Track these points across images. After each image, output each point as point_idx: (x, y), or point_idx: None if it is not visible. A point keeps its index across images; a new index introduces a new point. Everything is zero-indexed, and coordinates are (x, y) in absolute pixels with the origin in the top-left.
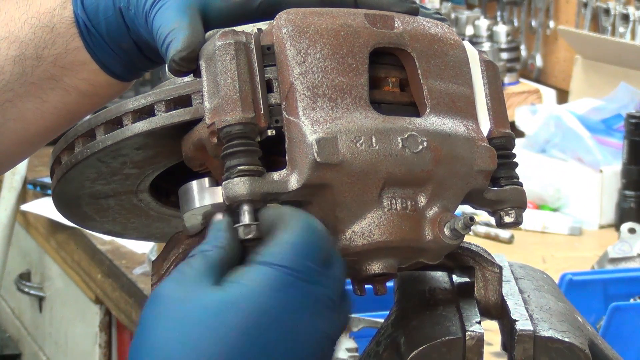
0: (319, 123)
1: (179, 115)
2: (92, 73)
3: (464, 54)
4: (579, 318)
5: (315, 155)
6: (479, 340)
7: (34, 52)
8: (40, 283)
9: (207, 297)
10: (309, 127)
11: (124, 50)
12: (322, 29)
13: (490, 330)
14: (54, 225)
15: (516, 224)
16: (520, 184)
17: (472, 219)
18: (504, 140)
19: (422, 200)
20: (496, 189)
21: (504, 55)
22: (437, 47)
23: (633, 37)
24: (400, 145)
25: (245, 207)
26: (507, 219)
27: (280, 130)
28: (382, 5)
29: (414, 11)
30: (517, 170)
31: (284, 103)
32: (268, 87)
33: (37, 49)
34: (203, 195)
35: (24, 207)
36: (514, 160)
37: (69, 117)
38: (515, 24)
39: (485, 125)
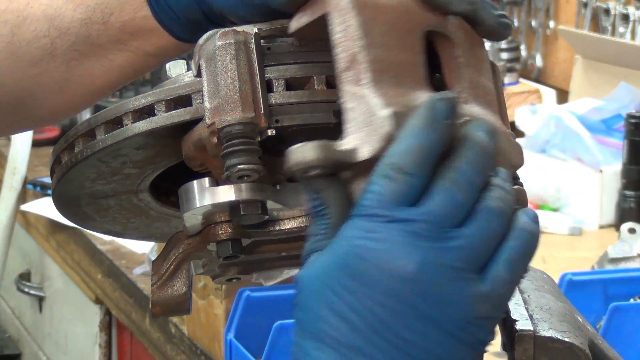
0: (389, 97)
1: (179, 115)
2: (160, 38)
3: (486, 52)
4: (579, 318)
5: (391, 128)
6: None
7: (100, 18)
8: (40, 283)
9: (308, 265)
10: (380, 99)
11: (192, 20)
12: (380, 5)
13: None
14: (54, 225)
15: None
16: (521, 184)
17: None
18: None
19: None
20: None
21: (504, 55)
22: (472, 40)
23: (633, 37)
24: None
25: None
26: None
27: (280, 130)
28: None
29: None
30: (518, 170)
31: (344, 73)
32: (268, 87)
33: (104, 15)
34: (203, 195)
35: (24, 207)
36: None
37: (135, 75)
38: (515, 24)
39: None
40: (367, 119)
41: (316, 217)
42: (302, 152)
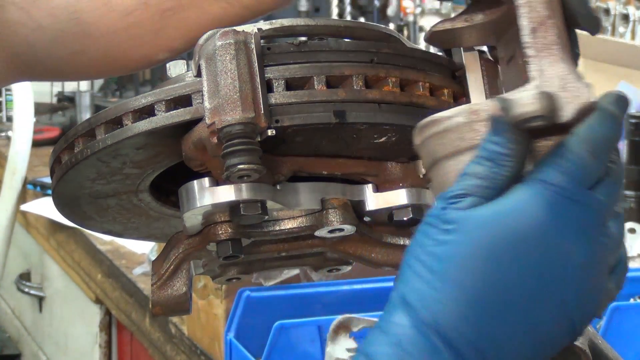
0: (574, 66)
1: (179, 115)
2: None
3: None
4: None
5: (589, 98)
6: None
7: None
8: (40, 283)
9: (477, 211)
10: (572, 67)
11: None
12: None
13: None
14: (54, 225)
15: None
16: None
17: None
18: None
19: None
20: None
21: None
22: None
23: (633, 37)
24: None
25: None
26: None
27: (280, 130)
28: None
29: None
30: None
31: (533, 34)
32: (268, 87)
33: None
34: (203, 195)
35: (24, 207)
36: None
37: (228, 26)
38: None
39: None
40: (563, 84)
41: (490, 162)
42: (533, 101)
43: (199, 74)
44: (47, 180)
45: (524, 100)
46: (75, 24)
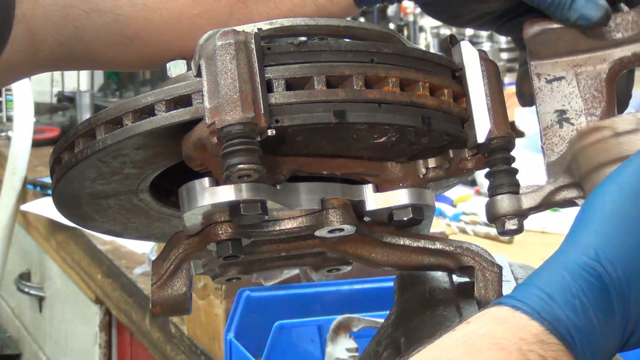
0: None
1: (179, 115)
2: None
3: None
4: None
5: None
6: None
7: None
8: (40, 283)
9: None
10: None
11: None
12: None
13: None
14: (54, 225)
15: (517, 231)
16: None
17: None
18: (503, 141)
19: None
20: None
21: (504, 55)
22: None
23: None
24: None
25: None
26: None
27: (280, 130)
28: None
29: None
30: (518, 170)
31: None
32: (268, 87)
33: None
34: (203, 195)
35: (24, 207)
36: (514, 166)
37: None
38: None
39: (485, 125)
40: None
41: None
42: None
43: (199, 74)
44: (47, 180)
45: None
46: (139, 8)
